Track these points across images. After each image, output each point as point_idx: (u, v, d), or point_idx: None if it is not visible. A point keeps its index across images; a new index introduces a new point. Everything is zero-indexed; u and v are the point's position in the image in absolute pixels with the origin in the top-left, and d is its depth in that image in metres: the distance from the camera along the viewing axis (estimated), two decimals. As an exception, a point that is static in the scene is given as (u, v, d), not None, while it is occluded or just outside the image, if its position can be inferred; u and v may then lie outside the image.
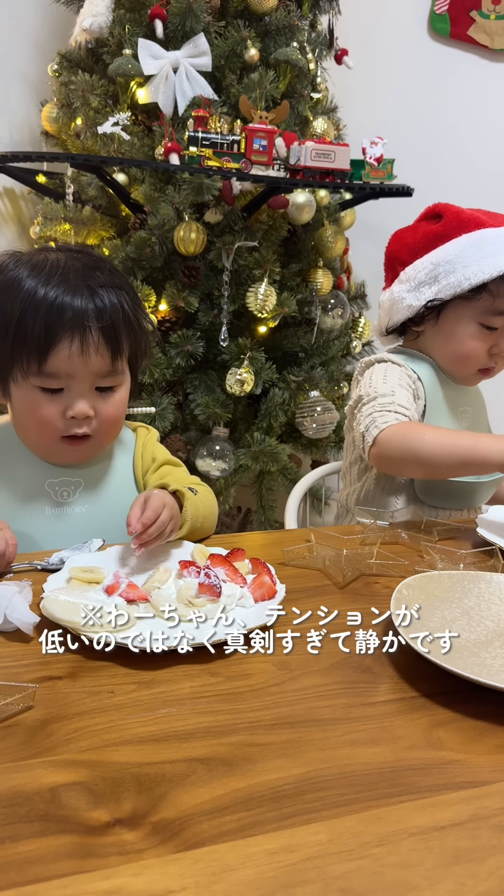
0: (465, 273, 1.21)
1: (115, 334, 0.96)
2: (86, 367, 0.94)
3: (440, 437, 1.12)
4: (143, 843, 0.50)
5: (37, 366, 0.93)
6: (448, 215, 1.27)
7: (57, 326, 0.91)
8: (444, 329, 1.29)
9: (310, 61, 2.03)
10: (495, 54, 2.55)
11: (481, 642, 0.77)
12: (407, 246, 1.32)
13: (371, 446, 1.16)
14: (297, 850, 0.50)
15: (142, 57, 1.84)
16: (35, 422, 0.97)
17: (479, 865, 0.50)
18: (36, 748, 0.59)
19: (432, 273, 1.25)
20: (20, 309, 0.92)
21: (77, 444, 0.99)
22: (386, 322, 1.37)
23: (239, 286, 1.89)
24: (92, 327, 0.93)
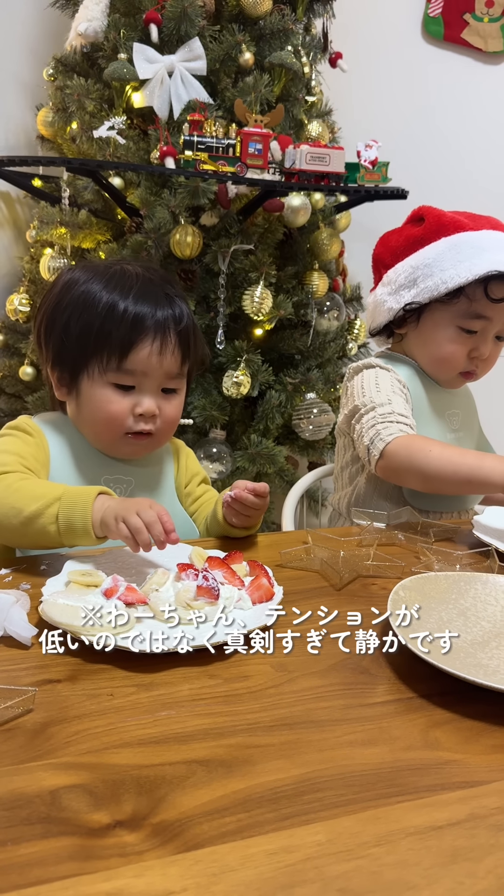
0: (441, 277, 1.21)
1: (188, 339, 1.05)
2: (160, 367, 1.02)
3: (445, 455, 1.13)
4: (144, 844, 0.51)
5: (117, 362, 1.00)
6: (429, 218, 1.28)
7: (141, 329, 1.00)
8: (424, 332, 1.30)
9: (304, 65, 2.04)
10: (489, 57, 2.57)
11: (478, 643, 0.77)
12: (390, 249, 1.33)
13: (378, 459, 1.17)
14: (296, 850, 0.51)
15: (137, 61, 1.85)
16: (105, 416, 1.02)
17: (477, 864, 0.50)
18: (36, 751, 0.60)
19: (411, 276, 1.26)
20: (102, 317, 1.00)
21: (140, 440, 1.05)
22: (370, 324, 1.39)
23: (235, 289, 1.89)
24: (171, 330, 1.02)
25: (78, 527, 0.89)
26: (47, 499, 0.90)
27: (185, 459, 1.20)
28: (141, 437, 1.05)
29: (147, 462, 1.13)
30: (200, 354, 1.11)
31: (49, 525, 0.89)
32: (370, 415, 1.22)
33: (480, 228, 1.25)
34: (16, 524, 0.90)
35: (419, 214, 1.32)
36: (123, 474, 1.09)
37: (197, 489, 1.19)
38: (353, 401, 1.28)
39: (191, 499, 1.18)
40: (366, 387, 1.27)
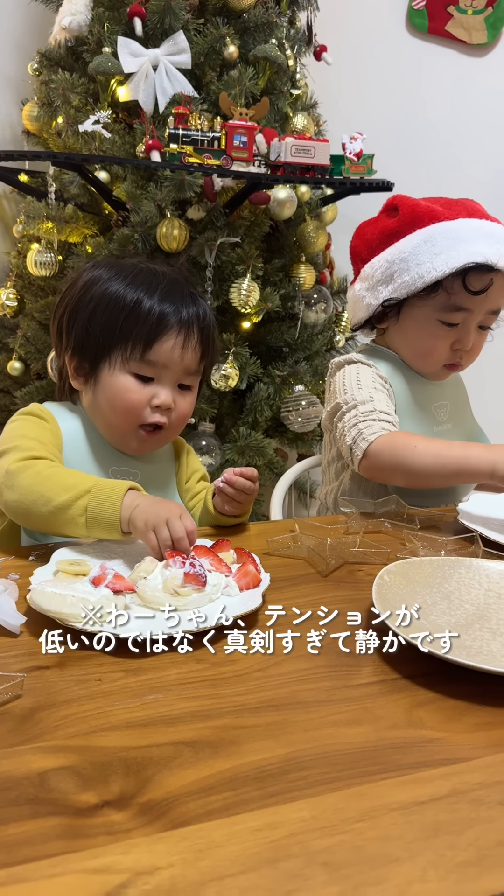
0: (418, 271, 1.18)
1: (209, 337, 1.08)
2: (181, 360, 1.04)
3: (431, 449, 1.12)
4: (131, 823, 0.52)
5: (141, 352, 1.02)
6: (403, 210, 1.25)
7: (167, 324, 1.02)
8: (405, 327, 1.28)
9: (289, 58, 2.04)
10: (473, 49, 2.58)
11: (461, 625, 0.78)
12: (366, 242, 1.30)
13: (361, 459, 1.16)
14: (281, 826, 0.52)
15: (121, 55, 1.85)
16: (123, 404, 1.04)
17: (458, 837, 0.51)
18: (25, 735, 0.60)
19: (388, 271, 1.24)
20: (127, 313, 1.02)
21: (151, 436, 1.06)
22: (352, 319, 1.37)
23: (222, 282, 1.90)
24: (195, 326, 1.05)
25: (106, 521, 0.90)
26: (78, 490, 0.91)
27: (186, 456, 1.22)
28: (152, 433, 1.06)
29: (154, 458, 1.14)
30: (216, 354, 1.14)
31: (78, 517, 0.90)
32: (351, 413, 1.21)
33: (456, 216, 1.22)
34: (44, 512, 0.91)
35: (393, 204, 1.29)
36: (130, 467, 1.11)
37: (196, 486, 1.21)
38: (334, 398, 1.27)
39: (189, 494, 1.19)
40: (347, 384, 1.26)
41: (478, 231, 1.19)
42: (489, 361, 1.43)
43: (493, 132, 2.60)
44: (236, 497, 1.05)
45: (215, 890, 0.46)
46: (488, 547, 0.99)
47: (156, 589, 0.81)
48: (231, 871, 0.47)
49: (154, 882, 0.46)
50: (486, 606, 0.83)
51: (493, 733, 0.63)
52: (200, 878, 0.47)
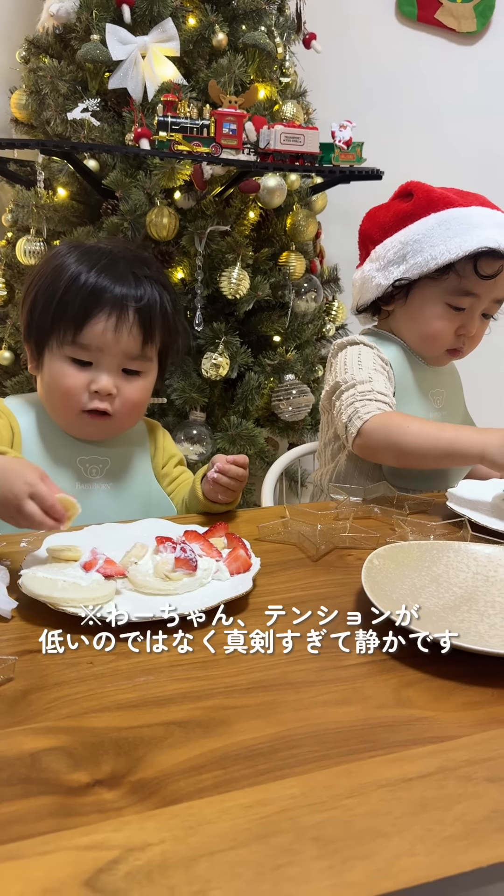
0: (432, 253, 1.21)
1: (150, 320, 1.03)
2: (117, 344, 1.01)
3: (423, 430, 1.13)
4: (123, 801, 0.52)
5: (72, 335, 1.00)
6: (418, 194, 1.28)
7: (97, 302, 0.99)
8: (412, 309, 1.30)
9: (278, 45, 2.04)
10: (462, 37, 2.57)
11: (449, 607, 0.79)
12: (378, 224, 1.32)
13: (355, 437, 1.17)
14: (271, 803, 0.52)
15: (110, 42, 1.84)
16: (60, 391, 1.02)
17: (445, 812, 0.52)
18: (16, 717, 0.61)
19: (400, 252, 1.26)
20: (65, 286, 1.00)
21: (97, 419, 1.04)
22: (357, 301, 1.38)
23: (212, 270, 1.90)
24: (129, 307, 1.01)
25: None
26: None
27: (162, 440, 1.20)
28: (98, 416, 1.04)
29: (121, 442, 1.12)
30: (174, 339, 1.09)
31: None
32: (349, 392, 1.22)
33: (470, 205, 1.25)
34: None
35: (407, 190, 1.32)
36: (99, 455, 1.09)
37: (174, 471, 1.20)
38: (334, 377, 1.29)
39: (168, 479, 1.19)
40: (348, 363, 1.27)
41: (490, 219, 1.22)
42: (485, 354, 1.44)
43: (482, 120, 2.60)
44: (230, 486, 1.05)
45: (206, 865, 0.46)
46: (476, 531, 1.00)
47: (147, 573, 0.82)
48: (222, 846, 0.48)
49: (145, 858, 0.47)
50: (474, 589, 0.84)
51: (480, 712, 0.64)
52: (191, 854, 0.47)
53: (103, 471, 1.09)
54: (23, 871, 0.46)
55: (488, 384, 2.13)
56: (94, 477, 1.09)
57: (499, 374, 2.39)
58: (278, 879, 0.46)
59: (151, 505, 1.14)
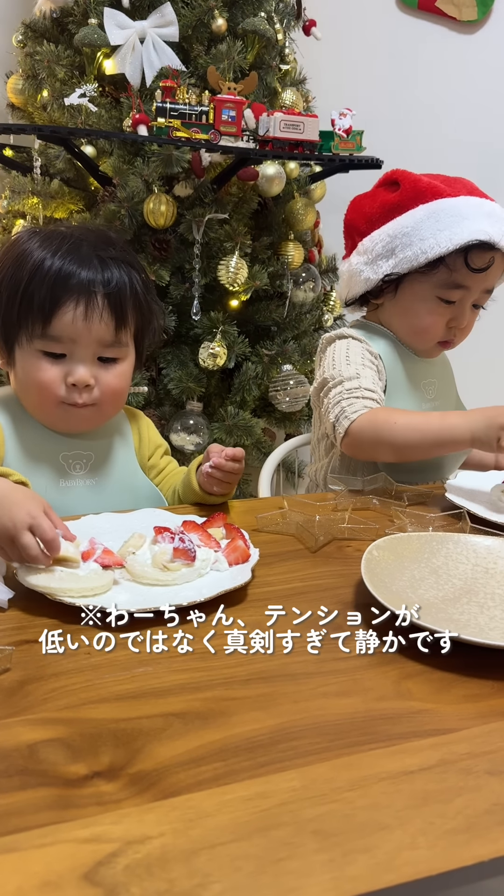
0: (421, 246, 1.18)
1: (121, 304, 0.98)
2: (89, 332, 0.97)
3: (410, 422, 1.13)
4: (121, 793, 0.52)
5: (41, 328, 0.96)
6: (405, 184, 1.24)
7: (63, 290, 0.95)
8: (402, 303, 1.28)
9: (278, 32, 2.02)
10: (463, 26, 2.55)
11: (449, 599, 0.79)
12: (364, 215, 1.29)
13: (343, 437, 1.17)
14: (272, 796, 0.52)
15: (108, 27, 1.82)
16: (36, 386, 0.98)
17: (447, 805, 0.52)
18: (13, 708, 0.60)
19: (389, 246, 1.23)
20: (29, 275, 0.95)
21: (78, 409, 1.00)
22: (345, 294, 1.36)
23: (210, 259, 1.88)
24: (97, 293, 0.96)
25: None
26: None
27: (146, 431, 1.17)
28: (80, 407, 1.00)
29: (103, 433, 1.09)
30: (148, 321, 1.05)
31: None
32: (337, 389, 1.21)
33: (458, 193, 1.22)
34: None
35: (393, 178, 1.29)
36: (82, 449, 1.06)
37: (161, 461, 1.17)
38: (322, 373, 1.27)
39: (155, 471, 1.16)
40: (336, 359, 1.25)
41: (479, 209, 1.20)
42: (474, 341, 1.43)
43: (482, 109, 2.58)
44: (225, 479, 1.03)
45: (206, 858, 0.46)
46: (475, 523, 1.00)
47: (145, 564, 0.81)
48: (222, 839, 0.48)
49: (145, 851, 0.46)
50: (474, 581, 0.83)
51: (480, 704, 0.64)
52: (191, 847, 0.47)
53: (87, 466, 1.06)
54: (21, 863, 0.45)
55: (478, 370, 2.12)
56: (77, 473, 1.05)
57: (488, 360, 2.38)
58: (279, 872, 0.45)
59: (139, 498, 1.10)
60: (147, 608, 0.73)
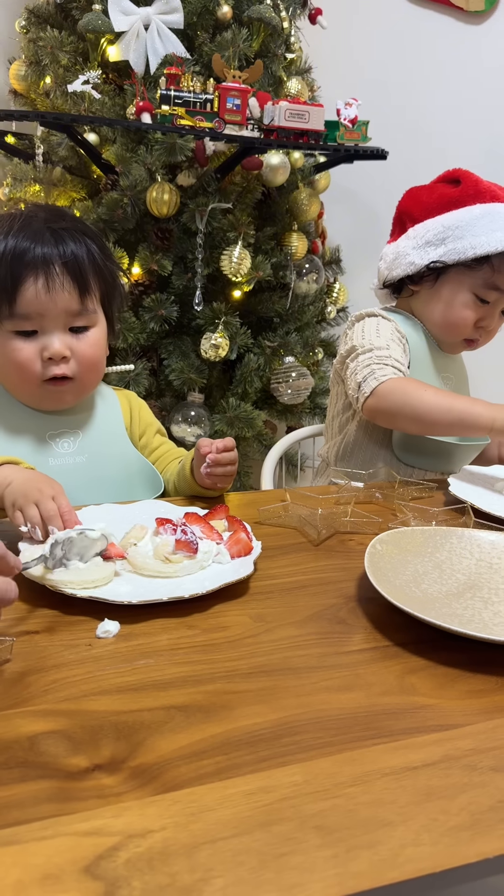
0: (472, 241, 1.23)
1: (81, 272, 0.99)
2: (54, 304, 0.97)
3: (439, 397, 1.15)
4: (123, 786, 0.51)
5: (8, 308, 0.96)
6: (466, 182, 1.30)
7: (21, 266, 0.95)
8: (440, 292, 1.31)
9: (283, 20, 2.00)
10: (470, 16, 2.53)
11: (452, 594, 0.78)
12: (421, 203, 1.34)
13: (368, 397, 1.18)
14: (274, 790, 0.51)
15: (112, 13, 1.80)
16: (14, 367, 0.99)
17: (451, 802, 0.51)
18: (14, 699, 0.60)
19: (441, 235, 1.27)
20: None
21: (59, 385, 1.01)
22: (385, 275, 1.38)
23: (213, 249, 1.87)
24: (55, 264, 0.96)
25: None
26: None
27: (137, 410, 1.17)
28: (60, 382, 1.01)
29: (88, 407, 1.09)
30: (112, 286, 1.06)
31: None
32: (367, 355, 1.24)
33: None
34: None
35: (455, 176, 1.34)
36: (68, 427, 1.06)
37: (154, 440, 1.18)
38: (350, 342, 1.30)
39: (148, 450, 1.16)
40: (366, 331, 1.29)
41: None
42: (490, 348, 1.44)
43: (489, 100, 2.56)
44: (226, 473, 1.02)
45: (208, 852, 0.46)
46: (479, 517, 0.99)
47: (146, 555, 0.80)
48: (224, 834, 0.47)
49: (146, 844, 0.46)
50: (478, 576, 0.83)
51: (484, 700, 0.63)
52: (193, 841, 0.46)
53: (75, 443, 1.06)
54: (21, 856, 0.45)
55: (491, 377, 2.11)
56: (66, 451, 1.05)
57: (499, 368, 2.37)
58: (281, 868, 0.45)
59: (132, 473, 1.10)
60: (149, 600, 0.73)
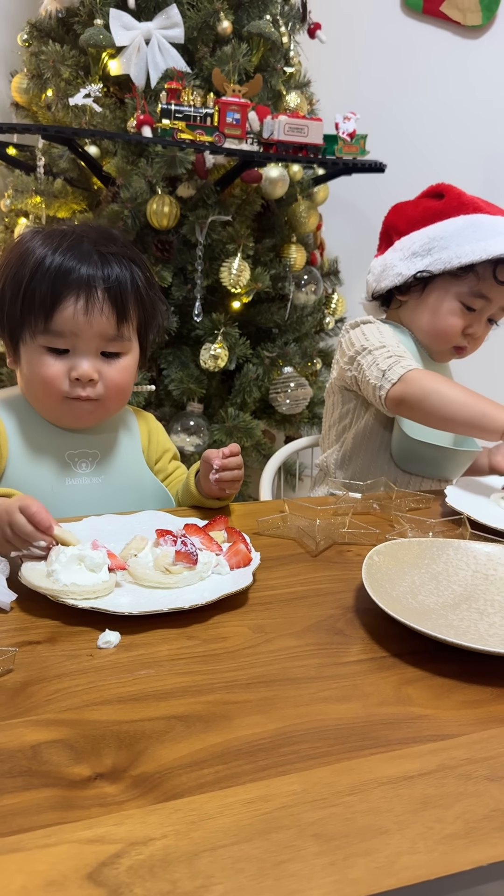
0: (457, 251, 1.27)
1: (122, 299, 0.99)
2: (90, 327, 0.97)
3: (464, 392, 1.17)
4: (124, 795, 0.52)
5: (43, 324, 0.97)
6: (450, 195, 1.34)
7: (64, 285, 0.96)
8: (427, 301, 1.34)
9: (283, 35, 2.02)
10: (467, 31, 2.56)
11: (449, 605, 0.79)
12: (406, 217, 1.37)
13: (395, 383, 1.19)
14: (273, 799, 0.52)
15: (113, 27, 1.82)
16: (40, 381, 0.99)
17: (446, 811, 0.52)
18: (17, 709, 0.61)
19: (427, 246, 1.31)
20: (30, 272, 0.96)
21: (83, 402, 1.01)
22: (374, 287, 1.41)
23: (212, 261, 1.89)
24: (98, 288, 0.97)
25: None
26: None
27: (156, 435, 1.17)
28: (83, 401, 1.01)
29: (109, 430, 1.10)
30: (151, 316, 1.06)
31: None
32: (381, 350, 1.26)
33: (496, 213, 1.31)
34: None
35: (438, 191, 1.38)
36: (87, 447, 1.07)
37: (168, 466, 1.18)
38: (353, 346, 1.31)
39: (163, 475, 1.17)
40: (369, 334, 1.31)
41: None
42: (476, 358, 1.47)
43: (486, 113, 2.59)
44: (234, 478, 1.03)
45: (208, 860, 0.47)
46: (475, 529, 1.00)
47: (147, 566, 0.81)
48: (224, 841, 0.48)
49: (147, 852, 0.47)
50: (474, 587, 0.84)
51: (479, 710, 0.64)
52: (193, 849, 0.47)
53: (93, 464, 1.07)
54: (25, 863, 0.46)
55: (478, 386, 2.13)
56: (83, 471, 1.06)
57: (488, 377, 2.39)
58: (280, 875, 0.46)
59: (146, 496, 1.11)
60: (149, 611, 0.74)
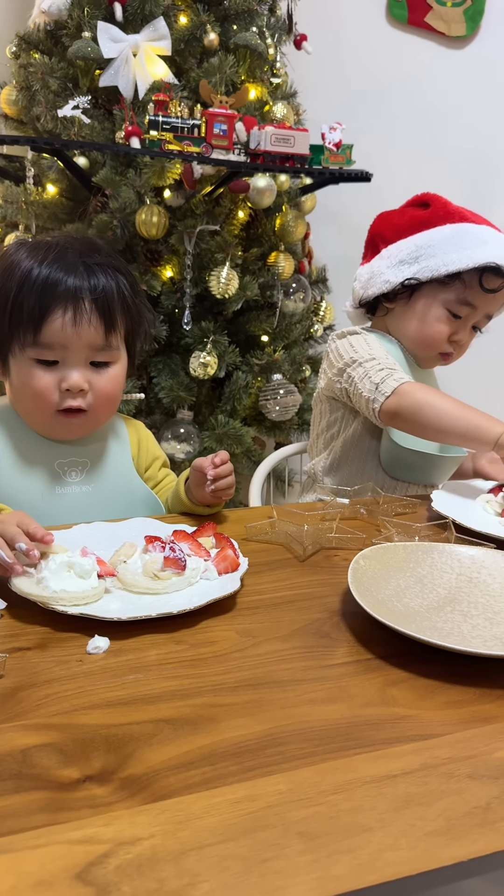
0: (444, 259, 1.29)
1: (109, 309, 1.00)
2: (79, 338, 0.98)
3: (457, 405, 1.19)
4: (113, 796, 0.53)
5: (32, 336, 0.97)
6: (436, 205, 1.36)
7: (51, 297, 0.97)
8: (414, 308, 1.36)
9: (269, 46, 2.04)
10: (452, 41, 2.59)
11: (433, 608, 0.81)
12: (392, 225, 1.39)
13: (388, 396, 1.21)
14: (259, 799, 0.53)
15: (101, 41, 1.84)
16: (31, 394, 1.00)
17: (428, 808, 0.54)
18: (7, 714, 0.62)
19: (414, 254, 1.33)
20: (17, 285, 0.97)
21: (73, 417, 1.02)
22: (360, 294, 1.42)
23: (201, 270, 1.90)
24: (85, 299, 0.98)
25: None
26: None
27: (146, 442, 1.19)
28: (73, 414, 1.02)
29: (98, 439, 1.11)
30: (138, 324, 1.07)
31: None
32: (373, 363, 1.27)
33: (481, 223, 1.34)
34: None
35: (424, 200, 1.39)
36: (77, 456, 1.08)
37: (158, 473, 1.19)
38: (342, 358, 1.32)
39: (152, 482, 1.18)
40: (356, 345, 1.33)
41: (499, 239, 1.32)
42: (462, 364, 1.49)
43: (470, 124, 2.62)
44: (228, 485, 1.04)
45: (195, 858, 0.48)
46: (460, 533, 1.02)
47: (136, 573, 0.82)
48: (210, 840, 0.49)
49: (136, 852, 0.48)
50: (458, 590, 0.85)
51: (462, 711, 0.66)
52: (180, 848, 0.48)
53: (83, 472, 1.08)
54: (15, 864, 0.47)
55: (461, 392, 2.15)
56: (73, 480, 1.07)
57: (470, 382, 2.41)
58: (265, 872, 0.47)
59: (136, 504, 1.12)
60: (138, 616, 0.75)
